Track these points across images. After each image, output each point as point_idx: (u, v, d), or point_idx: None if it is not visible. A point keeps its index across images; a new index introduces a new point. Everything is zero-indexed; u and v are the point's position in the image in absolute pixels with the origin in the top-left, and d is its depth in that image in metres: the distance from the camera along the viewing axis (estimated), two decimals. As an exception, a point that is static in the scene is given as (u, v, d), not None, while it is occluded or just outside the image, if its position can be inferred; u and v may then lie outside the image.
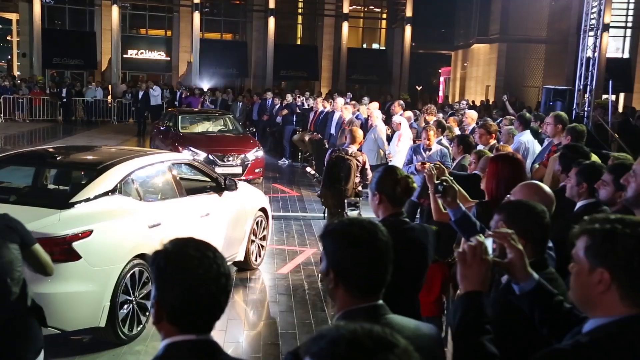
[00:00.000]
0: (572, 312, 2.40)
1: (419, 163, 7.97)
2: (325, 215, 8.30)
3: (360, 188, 8.03)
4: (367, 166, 8.01)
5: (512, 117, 9.86)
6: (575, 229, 1.98)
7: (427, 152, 8.38)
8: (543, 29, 30.88)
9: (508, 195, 3.50)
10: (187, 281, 1.79)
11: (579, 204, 4.15)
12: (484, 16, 33.80)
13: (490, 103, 26.44)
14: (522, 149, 8.21)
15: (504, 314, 2.58)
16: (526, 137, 8.55)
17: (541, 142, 8.74)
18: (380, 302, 2.10)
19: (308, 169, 15.98)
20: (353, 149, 7.96)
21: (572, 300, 2.07)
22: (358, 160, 7.81)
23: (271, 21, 32.58)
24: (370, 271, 2.05)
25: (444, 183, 3.79)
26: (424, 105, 15.48)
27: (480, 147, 7.46)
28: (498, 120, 10.61)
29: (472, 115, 10.38)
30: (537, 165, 7.42)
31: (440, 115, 12.80)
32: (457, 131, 9.60)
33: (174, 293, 1.80)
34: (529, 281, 2.40)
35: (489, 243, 2.37)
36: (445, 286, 4.42)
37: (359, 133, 8.15)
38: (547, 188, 3.43)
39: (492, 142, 7.54)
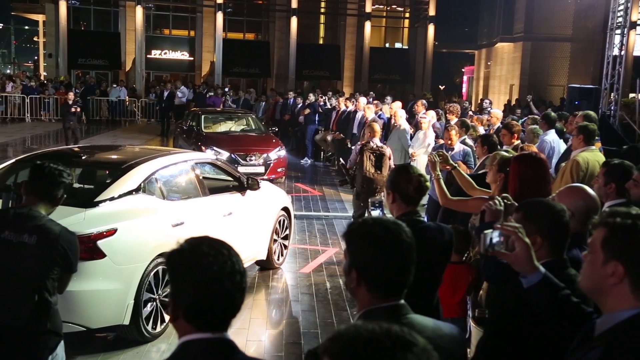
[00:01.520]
0: (579, 307, 2.39)
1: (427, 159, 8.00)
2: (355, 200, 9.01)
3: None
4: (392, 159, 8.65)
5: (536, 117, 9.77)
6: (595, 219, 2.01)
7: (450, 152, 8.30)
8: (568, 27, 30.51)
9: (552, 195, 3.46)
10: (202, 278, 1.80)
11: (606, 205, 4.09)
12: (508, 15, 33.48)
13: (513, 103, 26.20)
14: (547, 148, 8.13)
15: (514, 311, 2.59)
16: (551, 136, 8.47)
17: (566, 141, 8.65)
18: (402, 301, 2.09)
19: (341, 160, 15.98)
20: (377, 142, 8.62)
21: (582, 288, 2.09)
22: (385, 151, 8.50)
23: (294, 21, 32.62)
24: (393, 271, 2.05)
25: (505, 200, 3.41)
26: (449, 104, 15.38)
27: (504, 147, 7.41)
28: (522, 120, 10.52)
29: (497, 114, 10.30)
30: (563, 165, 7.33)
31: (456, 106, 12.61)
32: (481, 131, 9.52)
33: (189, 291, 1.81)
34: (536, 274, 2.43)
35: (496, 235, 2.47)
36: (470, 288, 4.39)
37: (377, 127, 8.74)
38: (592, 191, 3.38)
39: (516, 142, 7.47)
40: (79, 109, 17.33)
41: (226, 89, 25.27)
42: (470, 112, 15.31)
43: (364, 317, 2.01)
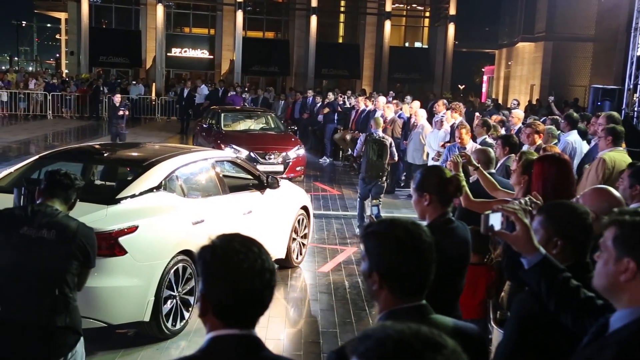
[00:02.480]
0: (579, 290, 2.42)
1: (449, 162, 8.03)
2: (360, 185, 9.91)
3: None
4: (393, 147, 9.68)
5: (557, 117, 9.68)
6: (604, 220, 2.05)
7: (462, 151, 8.34)
8: (591, 27, 30.17)
9: (577, 197, 3.42)
10: (232, 275, 1.80)
11: (631, 207, 4.03)
12: (529, 14, 33.19)
13: (535, 102, 25.99)
14: (569, 149, 8.05)
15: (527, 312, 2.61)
16: (573, 137, 8.38)
17: (589, 142, 8.55)
18: (424, 302, 2.08)
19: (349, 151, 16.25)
20: (380, 133, 9.64)
21: (596, 287, 2.11)
22: (386, 141, 9.54)
23: (313, 19, 32.63)
24: (415, 272, 2.04)
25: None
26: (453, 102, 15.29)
27: (525, 147, 7.34)
28: (542, 120, 10.43)
29: (519, 114, 10.20)
30: (587, 166, 7.25)
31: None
32: (502, 131, 9.45)
33: (219, 287, 1.82)
34: (536, 255, 2.46)
35: (497, 217, 2.56)
36: (491, 290, 4.36)
37: (380, 120, 9.99)
38: (617, 193, 3.34)
39: (539, 142, 7.40)
40: (127, 112, 16.44)
41: (240, 89, 25.30)
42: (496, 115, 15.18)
43: (386, 318, 2.00)
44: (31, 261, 3.36)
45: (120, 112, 15.72)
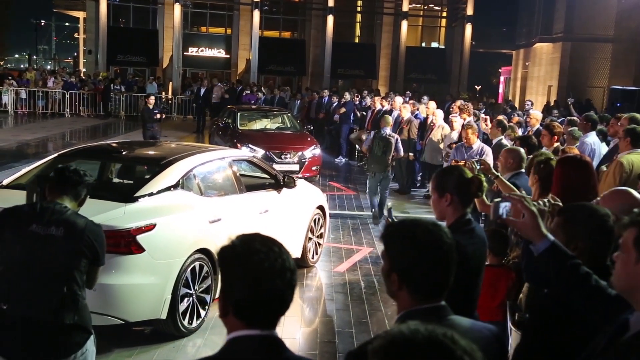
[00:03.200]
0: (590, 276, 2.40)
1: (453, 161, 8.08)
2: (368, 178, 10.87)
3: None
4: (399, 143, 10.46)
5: (575, 119, 9.60)
6: (624, 220, 2.04)
7: (469, 151, 8.40)
8: (610, 27, 29.91)
9: (597, 199, 3.39)
10: (253, 275, 1.79)
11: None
12: (547, 15, 32.97)
13: (552, 104, 25.79)
14: (588, 150, 7.97)
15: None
16: (592, 138, 8.30)
17: (608, 144, 8.47)
18: (443, 303, 2.07)
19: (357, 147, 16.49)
20: (387, 130, 10.41)
21: (615, 287, 2.11)
22: (392, 139, 10.31)
23: (330, 19, 32.61)
24: (435, 273, 2.03)
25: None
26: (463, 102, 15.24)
27: (544, 149, 7.29)
28: (560, 120, 10.35)
29: (537, 115, 10.13)
30: (604, 168, 7.19)
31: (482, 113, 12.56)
32: (520, 132, 9.39)
33: (240, 287, 1.81)
34: (544, 241, 2.46)
35: (505, 205, 2.61)
36: (510, 292, 4.33)
37: (389, 119, 10.86)
38: (638, 194, 3.30)
39: (556, 144, 7.34)
40: (163, 115, 15.63)
41: (256, 88, 25.33)
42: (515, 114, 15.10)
43: (406, 319, 1.99)
44: (39, 258, 3.37)
45: (158, 116, 15.18)
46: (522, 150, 5.76)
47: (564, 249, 2.47)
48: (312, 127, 18.37)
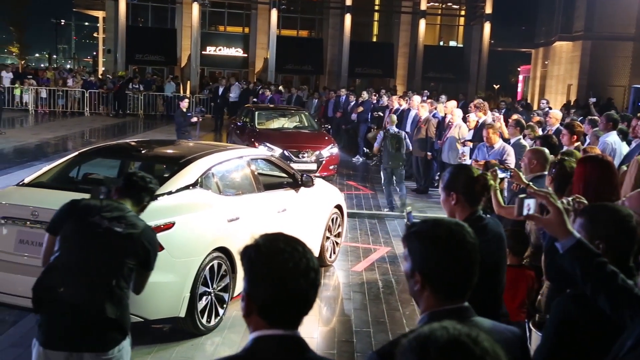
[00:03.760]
0: (616, 275, 2.38)
1: (473, 161, 8.00)
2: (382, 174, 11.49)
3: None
4: (407, 138, 11.28)
5: (595, 118, 9.50)
6: None
7: (490, 150, 8.28)
8: (632, 25, 29.58)
9: (623, 199, 3.35)
10: (277, 274, 1.79)
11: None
12: (567, 13, 32.67)
13: (572, 103, 25.57)
14: (608, 150, 7.88)
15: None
16: (612, 137, 8.20)
17: (629, 143, 8.37)
18: (466, 304, 2.06)
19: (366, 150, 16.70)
20: (394, 128, 11.20)
21: None
22: (401, 134, 11.14)
23: (347, 18, 32.58)
24: (458, 273, 2.02)
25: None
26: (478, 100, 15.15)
27: (564, 148, 7.22)
28: (579, 119, 10.26)
29: (556, 115, 10.04)
30: (624, 168, 7.10)
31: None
32: (540, 131, 9.31)
33: (264, 286, 1.80)
34: (570, 238, 2.43)
35: (530, 202, 2.58)
36: (531, 292, 4.30)
37: (394, 117, 11.64)
38: None
39: (577, 143, 7.27)
40: (200, 119, 15.04)
41: (274, 87, 25.36)
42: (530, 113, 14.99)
43: (429, 320, 1.98)
44: (96, 250, 3.46)
45: (194, 119, 14.63)
46: (546, 151, 5.69)
47: (590, 247, 2.44)
48: (329, 126, 18.35)
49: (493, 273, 3.05)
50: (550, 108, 14.93)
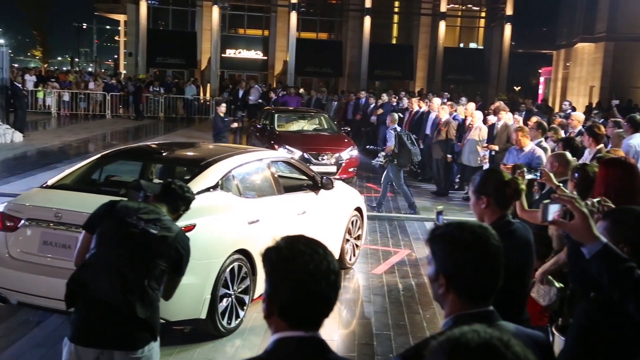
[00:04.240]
0: None
1: (502, 164, 7.91)
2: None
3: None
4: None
5: (619, 120, 9.39)
6: None
7: (521, 154, 8.20)
8: (655, 26, 29.22)
9: None
10: (297, 276, 1.80)
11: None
12: (590, 14, 32.34)
13: (594, 105, 25.29)
14: (632, 152, 7.79)
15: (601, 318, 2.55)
16: (636, 140, 8.11)
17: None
18: (491, 308, 2.05)
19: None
20: (398, 128, 11.40)
21: None
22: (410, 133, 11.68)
23: (367, 20, 32.57)
24: (482, 276, 2.01)
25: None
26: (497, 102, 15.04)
27: (587, 151, 7.17)
28: (601, 121, 10.15)
29: (579, 117, 9.95)
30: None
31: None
32: (562, 133, 9.23)
33: (284, 288, 1.81)
34: (596, 243, 2.39)
35: (555, 207, 2.52)
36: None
37: (395, 116, 11.69)
38: None
39: (599, 146, 7.20)
40: (240, 124, 14.40)
41: (294, 89, 25.40)
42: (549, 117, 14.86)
43: (453, 324, 1.98)
44: (131, 249, 3.52)
45: (235, 125, 14.33)
46: (569, 154, 5.63)
47: (617, 251, 2.40)
48: (349, 129, 18.35)
49: (518, 278, 3.03)
50: (573, 109, 14.79)
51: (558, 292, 4.11)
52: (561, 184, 5.07)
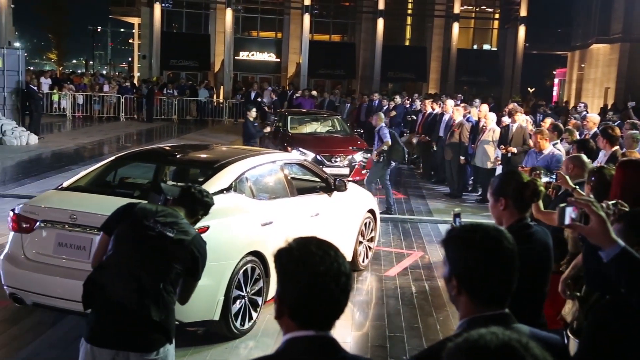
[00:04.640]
0: None
1: (520, 166, 7.86)
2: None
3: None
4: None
5: (636, 122, 9.32)
6: None
7: (540, 156, 8.14)
8: (671, 27, 28.96)
9: None
10: (308, 278, 1.80)
11: None
12: (605, 15, 32.11)
13: (609, 107, 25.10)
14: (648, 155, 7.73)
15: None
16: (652, 142, 8.04)
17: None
18: (507, 310, 2.03)
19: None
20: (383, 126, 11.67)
21: None
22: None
23: (380, 22, 32.55)
24: (496, 279, 1.99)
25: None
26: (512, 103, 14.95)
27: (602, 153, 7.12)
28: (617, 123, 10.08)
29: (594, 119, 9.87)
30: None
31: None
32: (577, 135, 9.16)
33: (295, 289, 1.82)
34: (614, 247, 2.34)
35: (570, 210, 2.48)
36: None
37: (382, 115, 11.96)
38: None
39: (614, 148, 7.15)
40: (272, 129, 14.54)
41: (307, 91, 25.45)
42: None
43: (467, 326, 1.97)
44: (148, 252, 3.54)
45: (268, 129, 14.11)
46: (584, 157, 5.59)
47: (635, 255, 2.37)
48: (362, 131, 18.34)
49: (535, 281, 3.00)
50: (587, 111, 14.70)
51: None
52: (577, 187, 5.04)
